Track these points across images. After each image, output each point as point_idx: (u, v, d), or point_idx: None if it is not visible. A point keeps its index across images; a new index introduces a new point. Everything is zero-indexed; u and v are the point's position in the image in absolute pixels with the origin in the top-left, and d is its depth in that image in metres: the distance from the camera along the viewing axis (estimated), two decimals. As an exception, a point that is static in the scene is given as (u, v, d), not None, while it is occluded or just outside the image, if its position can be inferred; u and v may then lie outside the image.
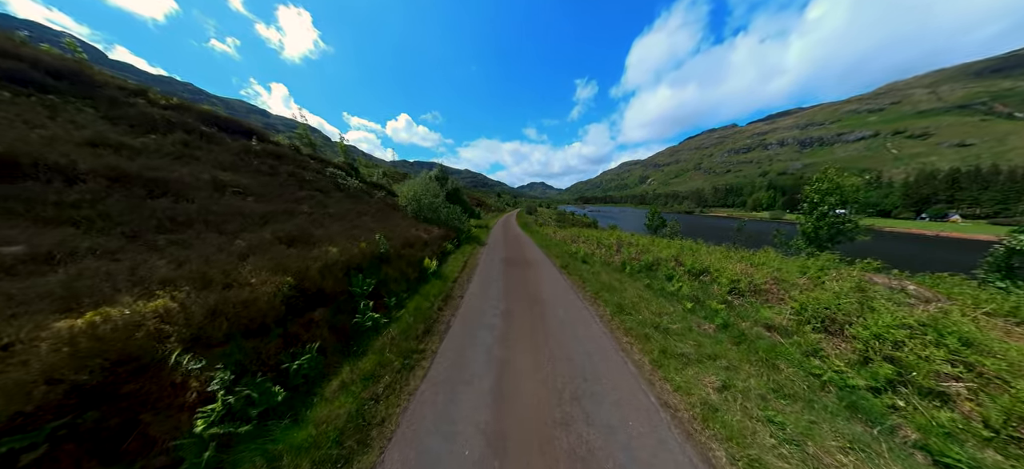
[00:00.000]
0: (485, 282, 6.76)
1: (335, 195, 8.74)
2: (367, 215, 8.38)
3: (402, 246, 6.74)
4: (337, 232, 5.95)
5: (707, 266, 6.36)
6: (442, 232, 10.74)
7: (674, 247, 8.84)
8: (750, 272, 5.86)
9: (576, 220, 56.28)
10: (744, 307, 4.98)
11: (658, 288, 6.24)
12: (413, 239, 7.71)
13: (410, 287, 5.61)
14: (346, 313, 4.11)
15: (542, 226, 26.07)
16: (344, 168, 11.64)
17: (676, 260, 7.35)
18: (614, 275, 7.27)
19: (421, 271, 6.40)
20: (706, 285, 6.00)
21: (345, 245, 5.11)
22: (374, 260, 5.39)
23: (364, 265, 5.04)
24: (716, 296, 5.43)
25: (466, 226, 14.66)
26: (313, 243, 5.09)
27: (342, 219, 7.14)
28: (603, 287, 6.25)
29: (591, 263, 8.73)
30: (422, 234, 8.84)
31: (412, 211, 11.54)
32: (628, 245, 10.48)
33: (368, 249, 5.38)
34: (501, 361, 3.53)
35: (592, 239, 13.29)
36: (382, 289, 4.98)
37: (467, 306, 5.28)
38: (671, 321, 4.70)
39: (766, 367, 3.48)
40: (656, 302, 5.46)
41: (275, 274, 3.55)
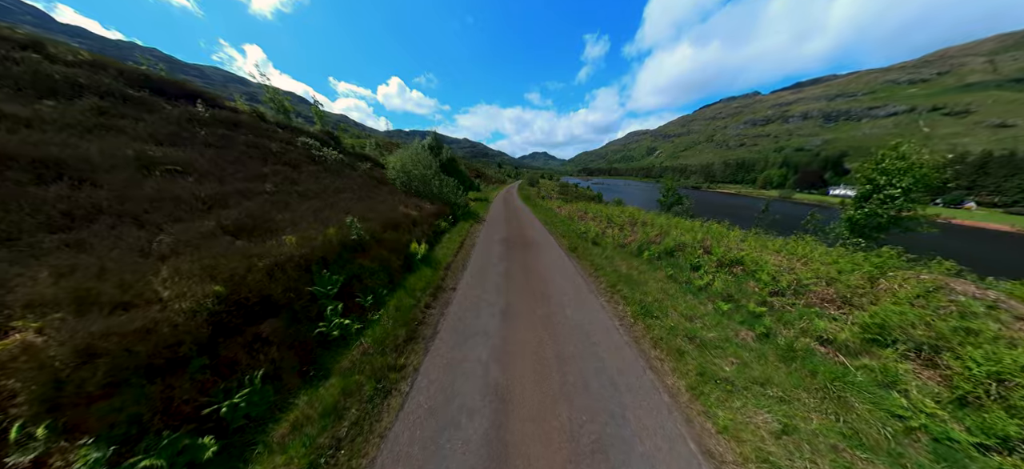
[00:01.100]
0: (482, 269, 5.95)
1: (308, 169, 7.53)
2: (347, 192, 7.30)
3: (384, 228, 5.80)
4: (305, 215, 5.00)
5: (741, 257, 5.51)
6: (435, 208, 9.70)
7: (698, 230, 7.92)
8: (793, 267, 5.04)
9: (580, 193, 54.59)
10: (788, 311, 4.24)
11: (684, 280, 5.46)
12: (399, 219, 6.72)
13: (392, 279, 4.78)
14: (307, 321, 3.32)
15: (545, 199, 24.81)
16: (320, 137, 10.15)
17: (703, 246, 6.49)
18: (631, 262, 6.44)
19: (407, 258, 5.54)
20: (740, 280, 5.21)
21: (307, 234, 4.17)
22: (345, 249, 4.49)
23: (331, 257, 4.15)
24: (753, 295, 4.67)
25: (463, 200, 13.51)
26: (273, 231, 4.16)
27: (315, 198, 6.11)
28: (620, 278, 5.46)
29: (603, 245, 7.84)
30: (412, 211, 7.84)
31: (401, 185, 10.34)
32: (644, 225, 9.55)
33: (338, 236, 4.44)
34: (499, 390, 2.82)
35: (602, 216, 12.24)
36: (355, 285, 4.15)
37: (460, 303, 4.52)
38: (704, 327, 3.98)
39: (831, 401, 2.80)
40: (684, 300, 4.71)
41: (201, 281, 2.66)
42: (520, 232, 10.22)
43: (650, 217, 11.18)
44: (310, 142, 8.86)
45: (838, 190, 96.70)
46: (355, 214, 5.42)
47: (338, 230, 4.55)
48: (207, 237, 3.49)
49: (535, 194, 32.77)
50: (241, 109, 8.10)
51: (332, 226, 4.60)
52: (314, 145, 8.84)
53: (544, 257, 7.02)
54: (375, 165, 11.57)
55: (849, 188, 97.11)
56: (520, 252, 7.41)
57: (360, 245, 4.78)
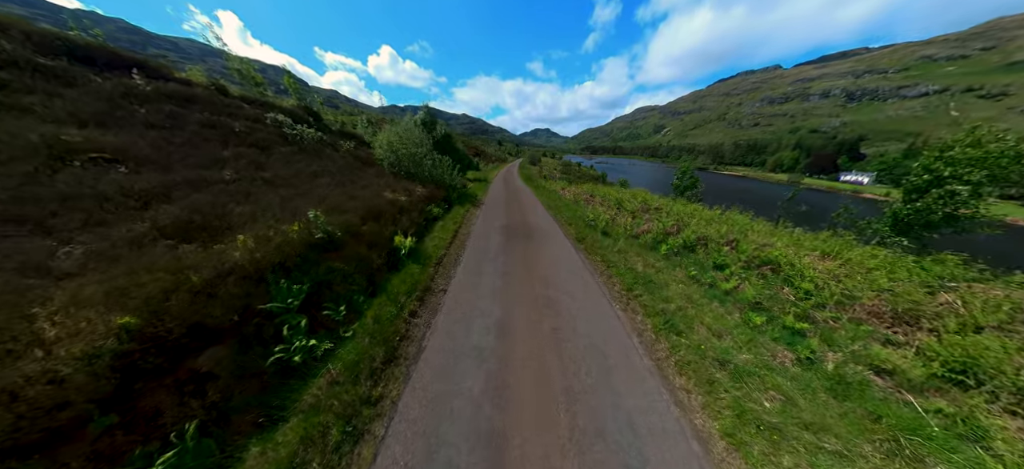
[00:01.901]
0: (478, 266, 5.31)
1: (280, 151, 6.60)
2: (325, 176, 6.46)
3: (365, 219, 5.05)
4: (271, 207, 4.26)
5: (775, 257, 4.85)
6: (427, 191, 8.85)
7: (720, 221, 7.20)
8: (837, 272, 4.40)
9: (583, 172, 52.88)
10: (831, 327, 3.67)
11: (707, 282, 4.85)
12: (383, 207, 5.95)
13: (372, 281, 4.15)
14: (261, 345, 2.72)
15: (548, 180, 23.69)
16: (296, 113, 8.92)
17: (729, 242, 5.81)
18: (647, 258, 5.80)
19: (391, 253, 4.87)
20: (770, 282, 4.61)
21: (266, 233, 3.43)
22: (312, 250, 3.78)
23: (293, 261, 3.45)
24: (789, 304, 4.09)
25: (459, 182, 12.56)
26: (227, 230, 3.44)
27: (286, 185, 5.29)
28: (638, 280, 4.84)
29: (614, 236, 7.14)
30: (400, 197, 7.04)
31: (389, 166, 9.35)
32: (657, 211, 8.79)
33: (302, 233, 3.71)
34: (493, 438, 2.29)
35: (610, 200, 11.39)
36: (325, 294, 3.51)
37: (450, 310, 3.93)
38: (736, 346, 3.43)
39: (905, 462, 2.28)
40: (709, 309, 4.12)
41: (106, 310, 2.00)
42: (521, 218, 9.46)
43: (664, 203, 10.37)
44: (282, 119, 7.73)
45: (849, 176, 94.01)
46: (331, 203, 4.69)
47: (303, 226, 3.81)
48: (134, 244, 2.80)
49: (537, 174, 31.46)
50: (195, 81, 6.92)
51: (297, 221, 3.85)
52: (287, 123, 7.73)
53: (548, 250, 6.34)
54: (360, 144, 10.41)
55: (861, 174, 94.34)
56: (521, 243, 6.73)
57: (331, 243, 4.06)
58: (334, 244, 4.09)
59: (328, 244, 4.03)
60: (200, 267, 2.71)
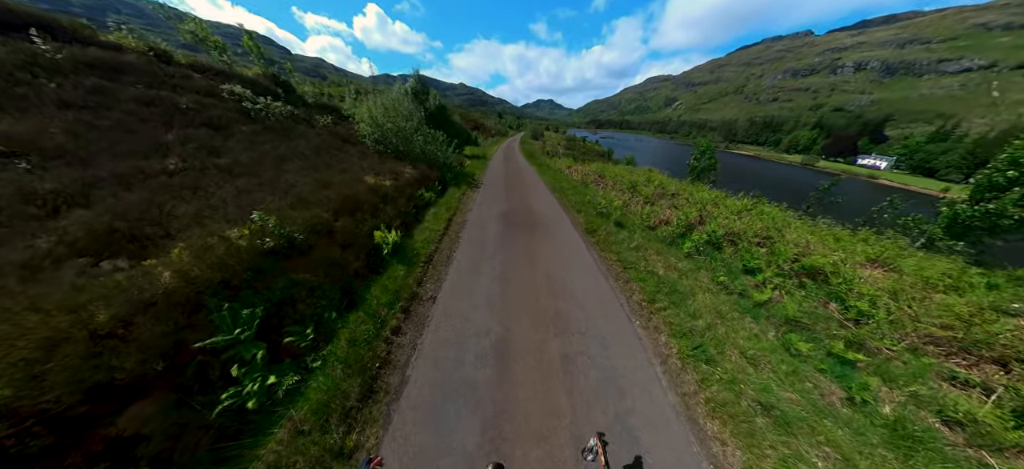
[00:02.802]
0: (473, 266, 4.72)
1: (240, 131, 5.64)
2: (296, 160, 5.56)
3: (339, 212, 4.33)
4: (225, 202, 3.50)
5: (820, 264, 4.25)
6: (418, 173, 7.99)
7: (752, 213, 6.50)
8: (895, 288, 3.83)
9: (588, 148, 50.61)
10: (885, 356, 3.19)
11: (738, 290, 4.31)
12: (362, 195, 5.19)
13: (349, 291, 3.55)
14: (210, 389, 2.18)
15: (551, 157, 22.37)
16: (261, 84, 7.66)
17: (763, 240, 5.19)
18: (667, 257, 5.20)
19: (372, 253, 4.22)
20: (810, 293, 4.08)
21: (206, 242, 2.74)
22: (268, 258, 3.11)
23: (240, 276, 2.81)
24: (836, 324, 3.58)
25: (455, 160, 11.56)
26: (169, 238, 2.75)
27: (247, 173, 4.49)
28: (660, 287, 4.29)
29: (629, 228, 6.48)
30: (384, 181, 6.24)
31: (374, 144, 8.28)
32: (676, 199, 8.04)
33: (252, 240, 3.02)
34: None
35: (622, 182, 10.53)
36: (288, 314, 2.91)
37: (439, 327, 3.40)
38: (777, 379, 2.97)
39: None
40: (742, 326, 3.62)
41: None
42: (524, 203, 8.70)
43: (681, 187, 9.53)
44: (242, 91, 6.56)
45: (866, 160, 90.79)
46: (299, 194, 3.92)
47: (256, 229, 3.10)
48: (30, 270, 2.10)
49: (539, 149, 29.89)
50: (127, 46, 5.67)
51: (250, 223, 3.13)
52: (247, 96, 6.56)
53: (555, 245, 5.71)
54: (341, 118, 9.17)
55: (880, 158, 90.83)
56: (524, 235, 6.08)
57: (293, 247, 3.38)
58: (297, 248, 3.42)
59: (289, 250, 3.35)
60: (112, 298, 2.07)
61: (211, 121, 5.33)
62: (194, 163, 4.20)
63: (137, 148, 3.97)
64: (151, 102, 4.87)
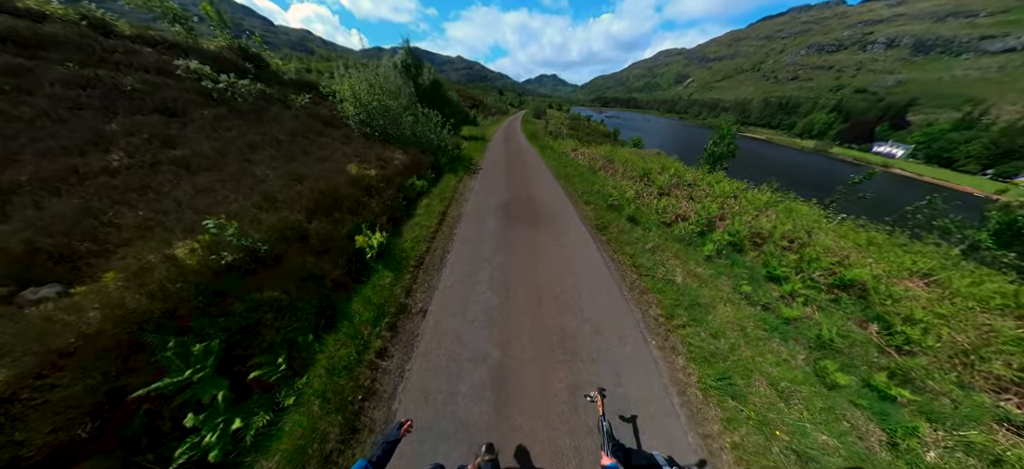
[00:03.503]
0: (469, 271, 4.31)
1: (201, 116, 4.95)
2: (268, 148, 4.95)
3: (314, 211, 3.82)
4: (181, 204, 2.97)
5: (861, 277, 3.84)
6: (408, 159, 7.36)
7: (779, 210, 5.99)
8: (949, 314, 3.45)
9: (593, 128, 48.83)
10: (935, 395, 2.87)
11: (761, 302, 3.94)
12: (342, 189, 4.62)
13: (326, 308, 3.13)
14: (161, 443, 1.86)
15: (555, 139, 21.35)
16: (226, 59, 6.63)
17: (793, 244, 4.76)
18: (687, 261, 4.79)
19: (354, 258, 3.77)
20: (844, 308, 3.72)
21: (147, 260, 2.29)
22: (226, 275, 2.66)
23: (189, 305, 2.37)
24: (876, 349, 3.24)
25: (451, 143, 10.80)
26: (108, 255, 2.28)
27: (210, 167, 3.92)
28: (678, 298, 3.92)
29: (645, 224, 5.99)
30: (369, 170, 5.67)
31: (358, 125, 7.48)
32: (694, 190, 7.49)
33: (208, 255, 2.55)
34: None
35: (633, 168, 9.85)
36: (255, 341, 2.52)
37: (429, 351, 3.04)
38: (812, 417, 2.68)
39: None
40: (770, 349, 3.29)
41: None
42: (526, 192, 8.15)
43: (699, 176, 8.88)
44: (200, 68, 5.66)
45: (881, 147, 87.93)
46: (268, 190, 3.39)
47: (208, 243, 2.60)
48: None
49: (542, 130, 28.63)
50: (50, 12, 4.75)
51: (204, 233, 2.63)
52: (208, 74, 5.68)
53: (561, 244, 5.26)
54: (321, 97, 8.22)
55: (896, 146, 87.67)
56: (526, 231, 5.62)
57: (257, 260, 2.91)
58: (263, 261, 2.95)
59: (253, 263, 2.89)
60: (12, 349, 1.64)
61: (165, 105, 4.63)
62: (143, 158, 3.62)
63: (70, 142, 3.38)
64: (87, 84, 4.18)
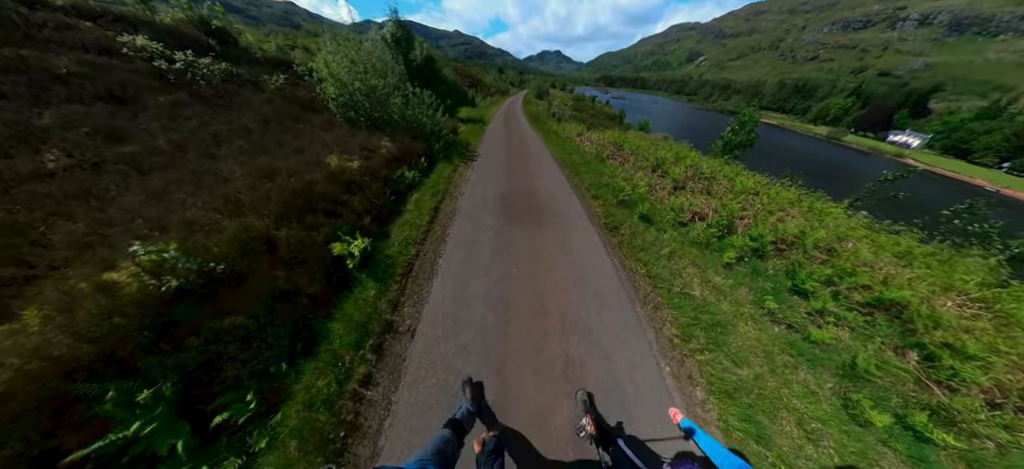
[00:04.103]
0: (463, 280, 3.98)
1: (156, 104, 4.34)
2: (236, 140, 4.40)
3: (285, 215, 3.37)
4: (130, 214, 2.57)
5: (905, 297, 3.51)
6: (398, 147, 6.83)
7: (807, 211, 5.56)
8: (1005, 347, 3.15)
9: (598, 110, 47.36)
10: (987, 449, 2.63)
11: (785, 320, 3.64)
12: (319, 187, 4.11)
13: (303, 331, 2.79)
14: None
15: (559, 122, 20.48)
16: (184, 34, 5.79)
17: (824, 252, 4.41)
18: (705, 269, 4.44)
19: (332, 269, 3.38)
20: (878, 328, 3.43)
21: (76, 288, 1.91)
22: (180, 303, 2.29)
23: (132, 344, 2.04)
24: (914, 380, 2.98)
25: (446, 127, 10.14)
26: (33, 283, 1.98)
27: (167, 165, 3.42)
28: (696, 316, 3.62)
29: (658, 224, 5.58)
30: (352, 162, 5.20)
31: (340, 109, 6.76)
32: (713, 184, 7.01)
33: (152, 280, 2.16)
34: None
35: (644, 156, 9.33)
36: (218, 376, 2.19)
37: (417, 380, 2.76)
38: (844, 465, 2.41)
39: None
40: (797, 380, 3.03)
41: None
42: (527, 183, 7.70)
43: (717, 167, 8.33)
44: (149, 45, 4.93)
45: (897, 136, 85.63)
46: (229, 194, 2.93)
47: (149, 265, 2.19)
48: None
49: (544, 111, 27.55)
50: None
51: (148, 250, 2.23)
52: (159, 52, 4.94)
53: (567, 247, 4.89)
54: (299, 76, 7.40)
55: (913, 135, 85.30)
56: (528, 233, 5.24)
57: (214, 280, 2.51)
58: (222, 281, 2.56)
59: (210, 284, 2.49)
60: None
61: (110, 91, 4.04)
62: (84, 157, 3.12)
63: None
64: (9, 68, 3.57)
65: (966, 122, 73.06)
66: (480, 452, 1.51)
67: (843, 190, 7.11)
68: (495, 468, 1.44)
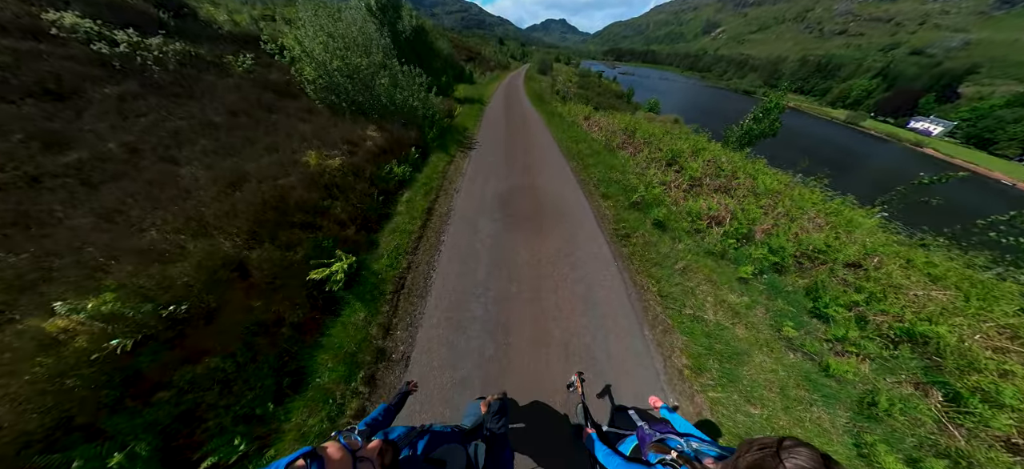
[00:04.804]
0: (457, 304, 3.83)
1: (102, 96, 3.85)
2: (199, 136, 3.98)
3: (255, 233, 3.10)
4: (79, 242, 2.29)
5: (942, 333, 3.39)
6: (386, 137, 6.43)
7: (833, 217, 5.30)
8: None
9: (605, 87, 45.66)
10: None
11: (806, 347, 3.55)
12: (296, 193, 3.84)
13: (286, 363, 2.65)
14: None
15: (565, 102, 19.63)
16: (128, 8, 5.10)
17: (850, 268, 4.25)
18: (719, 286, 4.29)
19: (316, 293, 3.17)
20: (903, 362, 3.36)
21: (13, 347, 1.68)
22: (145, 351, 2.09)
23: (100, 398, 1.87)
24: (932, 420, 2.92)
25: (441, 110, 9.61)
26: None
27: (116, 175, 3.10)
28: (709, 344, 3.53)
29: (673, 231, 5.37)
30: (332, 160, 4.83)
31: (318, 94, 6.19)
32: (733, 181, 6.67)
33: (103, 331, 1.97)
34: None
35: (659, 145, 8.84)
36: (201, 423, 2.06)
37: (411, 415, 2.63)
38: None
39: None
40: (812, 418, 3.01)
41: None
42: (529, 179, 7.40)
43: (738, 161, 7.89)
44: (84, 26, 4.25)
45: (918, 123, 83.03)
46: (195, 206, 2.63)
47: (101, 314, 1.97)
48: None
49: (548, 89, 26.50)
50: None
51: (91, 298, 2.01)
52: (98, 33, 4.32)
53: (573, 262, 4.68)
54: (266, 53, 6.61)
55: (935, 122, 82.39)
56: (530, 241, 5.04)
57: (178, 322, 2.29)
58: (189, 320, 2.34)
59: (177, 326, 2.27)
60: None
61: (43, 85, 3.53)
62: (17, 170, 2.78)
63: None
64: None
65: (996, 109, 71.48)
66: (487, 411, 1.70)
67: (854, 180, 6.75)
68: (502, 425, 1.61)
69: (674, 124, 28.47)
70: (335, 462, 0.74)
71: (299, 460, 0.70)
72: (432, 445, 1.16)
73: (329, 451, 0.76)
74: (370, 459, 0.87)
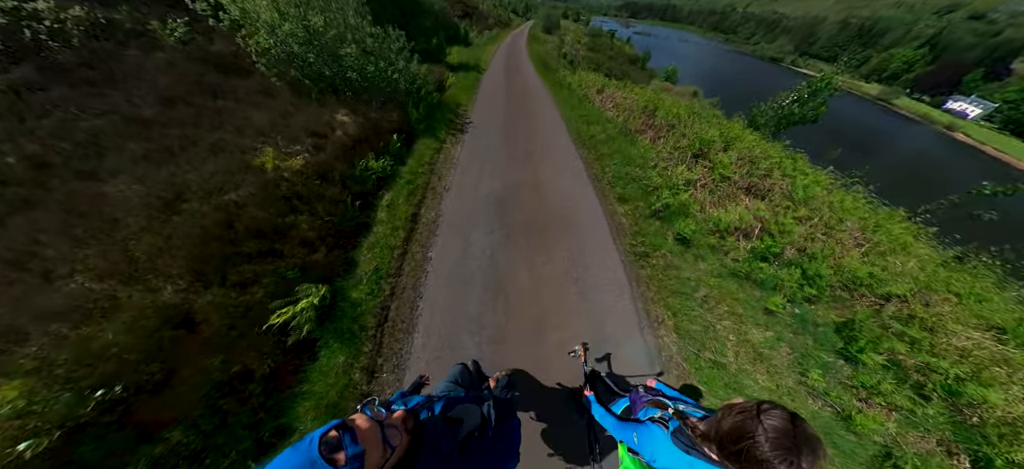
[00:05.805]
0: (446, 340, 3.58)
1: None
2: (125, 139, 3.35)
3: (200, 272, 2.72)
4: None
5: (994, 401, 3.23)
6: (360, 122, 5.79)
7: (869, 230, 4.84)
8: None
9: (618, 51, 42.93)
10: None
11: (831, 396, 3.43)
12: (247, 211, 3.31)
13: (259, 421, 2.41)
14: None
15: (575, 69, 18.34)
16: None
17: (904, 311, 4.01)
18: (743, 320, 4.03)
19: (284, 340, 2.85)
20: (935, 420, 3.24)
21: None
22: (84, 439, 1.80)
23: None
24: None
25: (428, 85, 8.80)
26: None
27: (20, 207, 2.63)
28: (726, 392, 3.38)
29: (697, 247, 4.93)
30: (293, 159, 4.28)
31: (277, 72, 5.31)
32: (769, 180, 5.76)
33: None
34: None
35: (684, 129, 7.85)
36: None
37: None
38: None
39: None
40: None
41: None
42: (532, 174, 6.93)
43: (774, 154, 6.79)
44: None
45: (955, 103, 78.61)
46: (124, 238, 2.19)
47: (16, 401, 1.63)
48: None
49: (554, 53, 24.84)
50: None
51: None
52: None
53: (582, 290, 4.29)
54: (203, 16, 5.39)
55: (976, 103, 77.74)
56: (532, 259, 4.72)
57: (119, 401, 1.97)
58: (138, 393, 2.00)
59: (118, 404, 1.94)
60: None
61: None
62: None
63: None
64: None
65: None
66: (495, 386, 1.82)
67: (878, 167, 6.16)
68: (510, 397, 1.73)
69: (693, 97, 27.04)
70: (364, 431, 0.82)
71: (331, 431, 0.77)
72: (448, 408, 1.29)
73: (358, 422, 0.84)
74: (395, 426, 0.97)
